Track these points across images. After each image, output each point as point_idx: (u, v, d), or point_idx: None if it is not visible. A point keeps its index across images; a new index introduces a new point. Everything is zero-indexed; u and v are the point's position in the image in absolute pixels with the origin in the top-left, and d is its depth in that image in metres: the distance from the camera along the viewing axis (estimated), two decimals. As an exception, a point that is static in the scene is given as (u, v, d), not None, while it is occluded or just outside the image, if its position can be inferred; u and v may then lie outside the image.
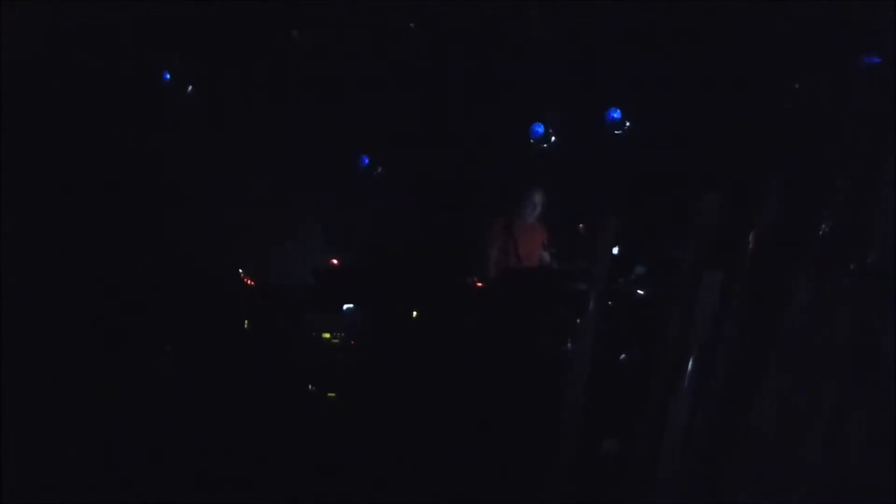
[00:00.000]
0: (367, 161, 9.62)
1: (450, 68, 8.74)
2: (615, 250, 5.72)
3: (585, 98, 8.65)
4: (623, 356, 5.99)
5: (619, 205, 7.70)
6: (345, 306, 7.32)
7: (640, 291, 6.32)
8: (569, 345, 6.23)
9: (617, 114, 8.73)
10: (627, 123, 8.73)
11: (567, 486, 4.49)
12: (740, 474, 3.98)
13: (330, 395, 6.91)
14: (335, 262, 7.98)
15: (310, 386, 7.01)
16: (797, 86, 7.38)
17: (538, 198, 7.31)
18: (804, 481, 3.79)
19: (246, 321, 7.36)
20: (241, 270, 7.99)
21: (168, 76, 8.81)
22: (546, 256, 7.11)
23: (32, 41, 6.78)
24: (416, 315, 6.80)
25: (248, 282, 7.92)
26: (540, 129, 8.99)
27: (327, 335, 7.49)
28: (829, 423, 3.79)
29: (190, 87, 8.84)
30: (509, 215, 7.28)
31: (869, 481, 3.61)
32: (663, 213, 7.36)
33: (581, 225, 7.43)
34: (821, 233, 4.41)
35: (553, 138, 8.98)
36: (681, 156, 7.96)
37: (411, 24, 8.68)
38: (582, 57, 8.31)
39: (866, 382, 3.78)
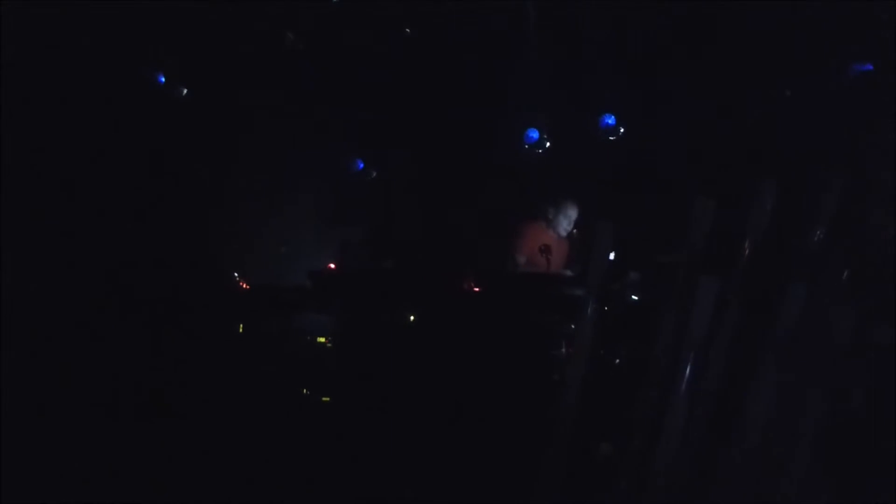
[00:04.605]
0: (361, 165, 9.63)
1: (446, 73, 8.75)
2: (611, 256, 5.73)
3: (580, 103, 8.67)
4: (618, 361, 6.01)
5: (613, 210, 7.72)
6: (340, 310, 7.31)
7: (635, 297, 6.34)
8: (564, 350, 6.25)
9: (611, 119, 8.75)
10: (622, 129, 8.75)
11: (562, 491, 4.51)
12: (734, 479, 4.00)
13: (324, 399, 6.91)
14: (331, 265, 7.98)
15: (304, 390, 7.01)
16: (791, 92, 7.41)
17: (561, 209, 7.34)
18: (797, 487, 3.81)
19: (240, 323, 7.35)
20: (236, 273, 7.98)
21: (163, 79, 8.80)
22: (543, 261, 7.12)
23: (32, 42, 6.79)
24: (412, 319, 6.81)
25: (243, 284, 7.91)
26: (535, 134, 9.00)
27: (322, 339, 7.48)
28: (822, 429, 3.82)
29: (185, 91, 8.83)
30: (513, 220, 7.35)
31: (862, 486, 3.63)
32: (658, 218, 7.39)
33: (575, 230, 7.46)
34: (815, 238, 4.44)
35: (548, 144, 9.00)
36: (676, 161, 7.98)
37: (407, 29, 8.70)
38: (577, 62, 8.34)
39: (860, 388, 3.81)
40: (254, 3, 8.15)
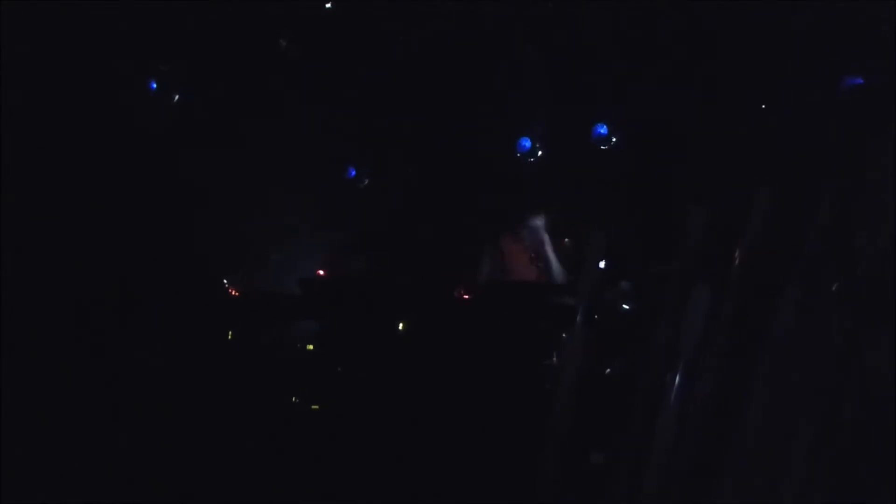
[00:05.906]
0: (353, 173, 9.61)
1: (438, 81, 8.75)
2: (602, 264, 5.73)
3: (573, 112, 8.67)
4: (610, 370, 5.99)
5: (605, 219, 7.71)
6: (330, 317, 7.27)
7: (626, 305, 6.32)
8: (555, 359, 6.22)
9: (604, 129, 8.74)
10: (614, 139, 8.74)
11: (554, 499, 4.49)
12: (727, 487, 3.98)
13: (314, 407, 6.88)
14: (321, 272, 7.96)
15: (293, 398, 6.98)
16: (784, 99, 7.40)
17: (536, 220, 7.33)
18: (791, 493, 3.79)
19: (229, 330, 7.32)
20: (225, 280, 7.95)
21: (154, 85, 8.78)
22: (533, 270, 7.10)
23: (28, 44, 6.80)
24: (403, 327, 6.78)
25: (233, 290, 7.88)
26: (527, 143, 8.99)
27: (311, 347, 7.44)
28: (817, 436, 3.80)
29: (177, 97, 8.81)
30: (500, 229, 7.32)
31: (857, 492, 3.62)
32: (650, 226, 7.37)
33: (567, 239, 7.44)
34: (807, 247, 4.43)
35: (540, 153, 8.99)
36: (668, 169, 7.97)
37: (399, 37, 8.70)
38: (569, 70, 8.33)
39: (853, 395, 3.79)
40: (247, 6, 8.14)
